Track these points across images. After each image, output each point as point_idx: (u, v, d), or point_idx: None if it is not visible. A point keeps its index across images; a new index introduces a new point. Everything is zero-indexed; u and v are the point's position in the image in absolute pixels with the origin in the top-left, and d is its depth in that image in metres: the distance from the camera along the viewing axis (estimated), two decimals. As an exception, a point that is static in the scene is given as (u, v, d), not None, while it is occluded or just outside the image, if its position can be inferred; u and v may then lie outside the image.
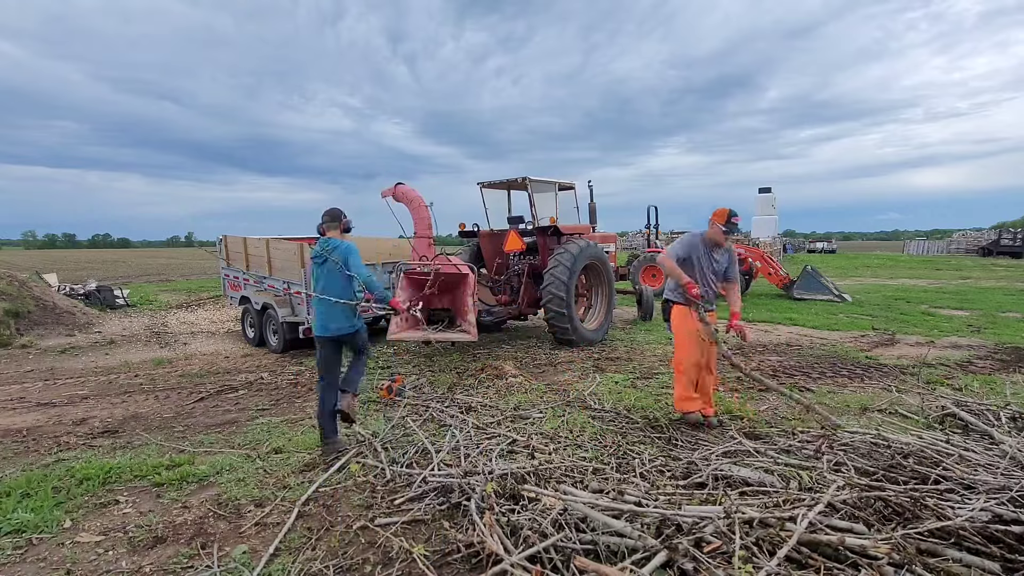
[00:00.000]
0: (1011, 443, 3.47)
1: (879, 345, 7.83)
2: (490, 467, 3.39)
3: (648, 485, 3.15)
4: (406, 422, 4.62)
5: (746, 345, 7.92)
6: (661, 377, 6.15)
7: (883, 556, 2.23)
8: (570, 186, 9.10)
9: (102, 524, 3.08)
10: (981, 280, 18.93)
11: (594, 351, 7.63)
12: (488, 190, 9.04)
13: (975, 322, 9.75)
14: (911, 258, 36.08)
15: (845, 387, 5.69)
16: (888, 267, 26.72)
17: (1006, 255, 35.44)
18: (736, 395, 5.37)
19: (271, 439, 4.36)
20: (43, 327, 9.41)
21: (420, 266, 6.91)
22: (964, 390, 5.42)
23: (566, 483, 3.20)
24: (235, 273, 9.04)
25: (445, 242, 9.28)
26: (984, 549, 2.36)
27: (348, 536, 2.91)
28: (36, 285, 10.90)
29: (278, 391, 5.92)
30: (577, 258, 7.64)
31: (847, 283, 17.76)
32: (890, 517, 2.65)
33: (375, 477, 3.57)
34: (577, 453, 3.84)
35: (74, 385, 6.35)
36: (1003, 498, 2.64)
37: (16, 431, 4.73)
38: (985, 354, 7.15)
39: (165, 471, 3.70)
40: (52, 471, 3.75)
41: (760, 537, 2.41)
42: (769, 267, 14.37)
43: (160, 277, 25.06)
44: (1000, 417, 4.20)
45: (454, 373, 6.55)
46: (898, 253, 44.80)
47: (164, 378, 6.58)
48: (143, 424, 4.90)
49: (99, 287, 13.59)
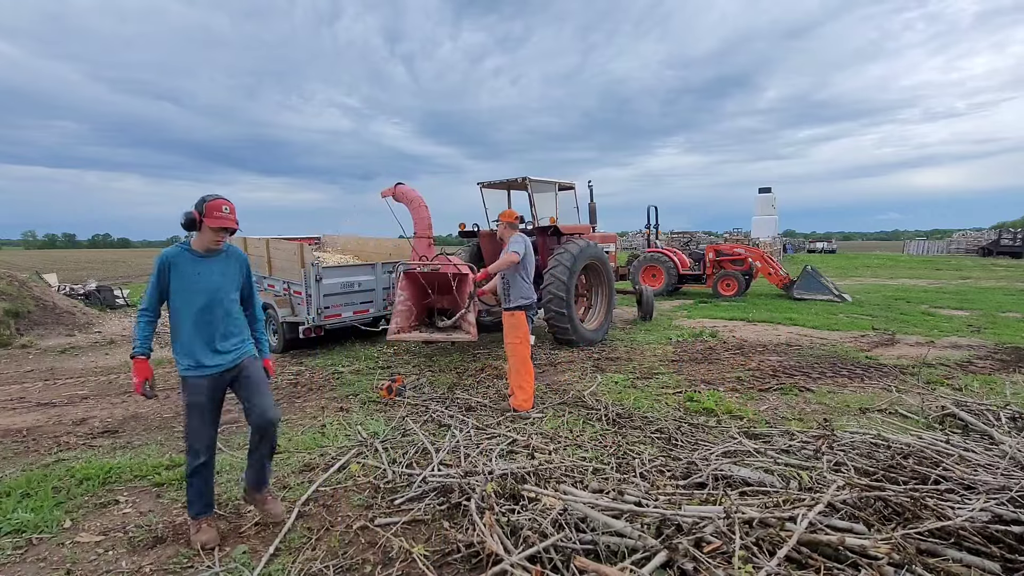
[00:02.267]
0: (1011, 443, 3.47)
1: (879, 345, 7.83)
2: (490, 467, 3.39)
3: (648, 485, 3.15)
4: (406, 422, 4.62)
5: (746, 344, 7.93)
6: (661, 377, 6.15)
7: (883, 556, 2.23)
8: (570, 186, 9.10)
9: (102, 524, 3.08)
10: (981, 280, 18.93)
11: (594, 351, 7.63)
12: (488, 190, 9.03)
13: (975, 322, 9.75)
14: (911, 258, 36.07)
15: (845, 387, 5.69)
16: (888, 267, 26.72)
17: (1006, 255, 35.43)
18: (736, 395, 5.37)
19: (271, 439, 4.35)
20: (43, 327, 9.41)
21: (420, 266, 6.91)
22: (964, 390, 5.42)
23: (566, 483, 3.20)
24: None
25: (445, 242, 9.29)
26: (984, 549, 2.36)
27: (348, 536, 2.91)
28: (36, 285, 10.90)
29: (278, 391, 5.91)
30: (577, 258, 7.64)
31: (847, 283, 17.76)
32: (890, 517, 2.65)
33: (375, 477, 3.57)
34: (577, 453, 3.84)
35: (74, 385, 6.35)
36: (1003, 498, 2.64)
37: (16, 431, 4.73)
38: (985, 354, 7.15)
39: (165, 471, 3.70)
40: (52, 471, 3.75)
41: (760, 537, 2.41)
42: (769, 267, 14.38)
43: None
44: (1000, 417, 4.21)
45: (454, 373, 6.55)
46: (898, 253, 44.79)
47: (164, 378, 6.57)
48: (143, 424, 4.90)
49: (99, 287, 13.59)
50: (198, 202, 2.77)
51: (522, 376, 4.87)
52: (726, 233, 36.94)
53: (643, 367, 6.68)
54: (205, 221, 2.74)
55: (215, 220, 2.73)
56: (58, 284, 13.29)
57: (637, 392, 5.52)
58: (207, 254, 2.84)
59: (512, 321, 4.93)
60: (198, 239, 2.82)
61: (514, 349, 4.92)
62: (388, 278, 8.08)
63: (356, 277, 7.84)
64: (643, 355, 7.39)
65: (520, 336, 4.90)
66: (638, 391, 5.57)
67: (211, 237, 2.79)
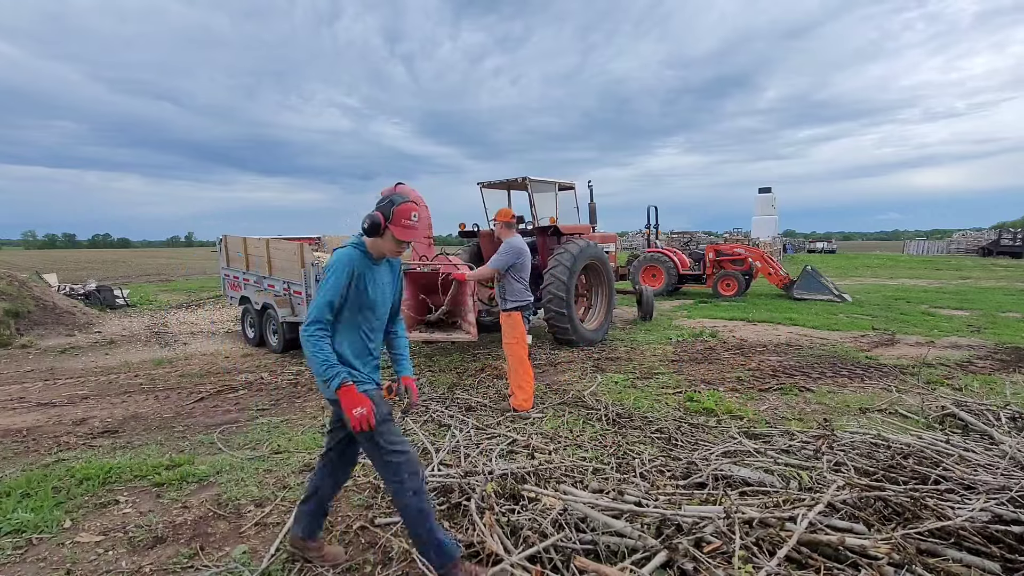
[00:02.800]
0: (1011, 443, 3.48)
1: (879, 345, 7.83)
2: (490, 467, 3.39)
3: (648, 485, 3.15)
4: (406, 422, 4.62)
5: (746, 344, 7.93)
6: (661, 377, 6.15)
7: (883, 556, 2.23)
8: (570, 186, 9.10)
9: (102, 524, 3.08)
10: (981, 280, 18.93)
11: (594, 351, 7.63)
12: (488, 190, 9.03)
13: (975, 322, 9.75)
14: (911, 258, 36.08)
15: (845, 387, 5.69)
16: (888, 267, 26.73)
17: (1006, 255, 35.44)
18: (736, 395, 5.37)
19: (271, 439, 4.35)
20: (43, 327, 9.41)
21: (420, 266, 6.91)
22: (964, 390, 5.42)
23: (566, 483, 3.20)
24: (235, 273, 9.04)
25: (445, 242, 9.28)
26: (984, 549, 2.36)
27: (348, 536, 2.91)
28: (36, 285, 10.89)
29: (278, 391, 5.92)
30: (577, 258, 7.64)
31: (847, 283, 17.76)
32: (890, 517, 2.65)
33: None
34: (577, 453, 3.84)
35: (74, 385, 6.35)
36: (1003, 498, 2.64)
37: (16, 431, 4.73)
38: (985, 354, 7.15)
39: (165, 471, 3.70)
40: (52, 471, 3.75)
41: (760, 537, 2.41)
42: (769, 267, 14.39)
43: (160, 277, 25.06)
44: (1000, 417, 4.21)
45: (454, 373, 6.55)
46: (898, 253, 44.80)
47: (164, 378, 6.57)
48: (143, 424, 4.90)
49: (99, 287, 13.58)
50: (385, 204, 2.36)
51: (520, 376, 4.88)
52: (726, 233, 36.94)
53: (643, 367, 6.68)
54: (391, 229, 2.35)
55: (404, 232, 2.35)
56: (58, 284, 13.29)
57: (637, 392, 5.52)
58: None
59: (509, 322, 4.96)
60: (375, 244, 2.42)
61: (511, 349, 4.94)
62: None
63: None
64: (643, 355, 7.39)
65: (516, 336, 4.92)
66: (638, 391, 5.57)
67: (394, 247, 2.42)
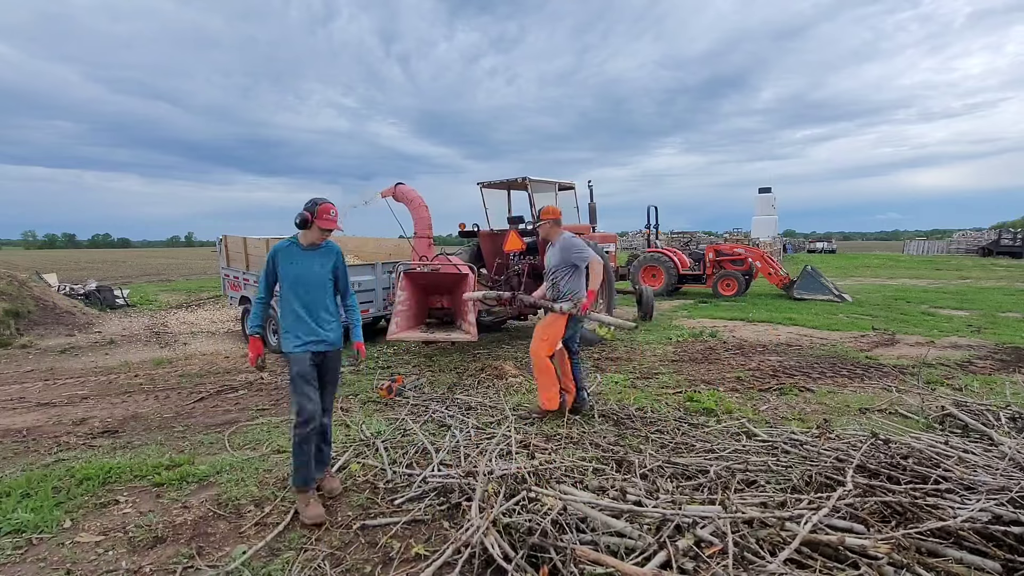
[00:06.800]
0: (1010, 444, 3.47)
1: (879, 345, 7.83)
2: (490, 467, 3.39)
3: (648, 485, 3.15)
4: (406, 422, 4.62)
5: (746, 344, 7.93)
6: (661, 377, 6.15)
7: (883, 556, 2.23)
8: (570, 186, 9.10)
9: (102, 524, 3.08)
10: (981, 280, 18.93)
11: (594, 351, 7.63)
12: (488, 190, 9.04)
13: (975, 322, 9.75)
14: (911, 258, 36.06)
15: (845, 387, 5.69)
16: (888, 267, 26.72)
17: (1006, 255, 35.42)
18: (736, 395, 5.37)
19: (271, 439, 4.35)
20: (43, 327, 9.41)
21: (420, 266, 6.91)
22: (964, 390, 5.42)
23: (566, 483, 3.20)
24: (235, 273, 9.04)
25: (445, 242, 9.28)
26: (984, 549, 2.36)
27: (348, 536, 2.91)
28: (36, 285, 10.90)
29: (278, 391, 5.92)
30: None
31: (847, 283, 17.76)
32: (890, 517, 2.65)
33: (375, 477, 3.58)
34: (577, 453, 3.84)
35: (74, 385, 6.35)
36: (1003, 499, 2.64)
37: (16, 431, 4.73)
38: (985, 354, 7.15)
39: (165, 471, 3.70)
40: (52, 471, 3.75)
41: (760, 537, 2.41)
42: (769, 267, 14.39)
43: (160, 277, 25.06)
44: (1000, 418, 4.20)
45: (454, 373, 6.55)
46: (898, 253, 44.78)
47: (164, 378, 6.58)
48: (143, 424, 4.90)
49: (99, 287, 13.59)
50: (310, 204, 3.17)
51: (546, 377, 4.67)
52: (726, 233, 36.95)
53: (643, 367, 6.68)
54: (316, 222, 3.16)
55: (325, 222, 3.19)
56: (58, 284, 13.29)
57: (637, 392, 5.52)
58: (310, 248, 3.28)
59: (558, 323, 4.65)
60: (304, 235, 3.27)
61: (540, 347, 4.65)
62: (388, 278, 8.08)
63: (356, 277, 7.83)
64: (643, 355, 7.39)
65: (551, 336, 4.65)
66: (638, 391, 5.57)
67: (319, 235, 3.25)
